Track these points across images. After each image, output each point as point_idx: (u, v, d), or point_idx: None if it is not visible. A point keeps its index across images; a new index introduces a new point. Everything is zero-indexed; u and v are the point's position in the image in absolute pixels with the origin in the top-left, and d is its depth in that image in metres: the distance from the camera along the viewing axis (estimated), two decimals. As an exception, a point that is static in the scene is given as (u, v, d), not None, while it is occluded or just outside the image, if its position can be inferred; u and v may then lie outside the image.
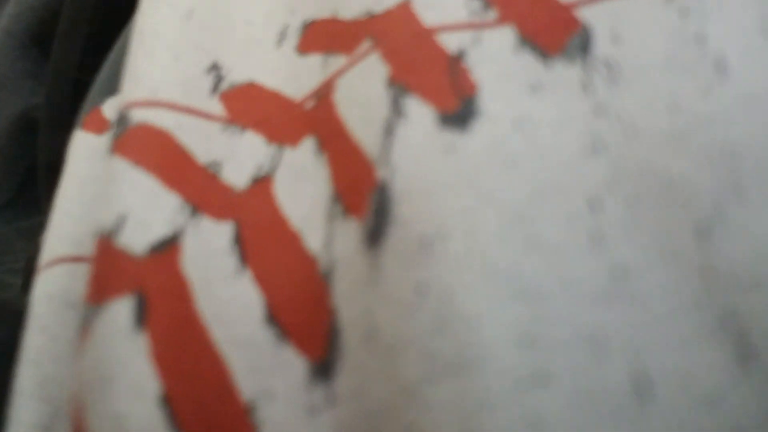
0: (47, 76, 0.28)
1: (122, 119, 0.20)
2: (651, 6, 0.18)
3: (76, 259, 0.21)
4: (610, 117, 0.17)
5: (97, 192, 0.20)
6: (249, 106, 0.21)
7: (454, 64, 0.18)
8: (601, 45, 0.18)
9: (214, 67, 0.21)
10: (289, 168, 0.19)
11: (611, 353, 0.16)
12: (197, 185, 0.19)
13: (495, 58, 0.18)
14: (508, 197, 0.17)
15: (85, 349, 0.17)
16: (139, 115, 0.20)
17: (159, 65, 0.21)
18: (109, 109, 0.23)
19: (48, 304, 0.20)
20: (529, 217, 0.16)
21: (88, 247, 0.21)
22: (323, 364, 0.17)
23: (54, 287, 0.20)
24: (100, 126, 0.23)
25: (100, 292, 0.18)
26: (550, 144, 0.17)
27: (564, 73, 0.18)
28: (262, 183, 0.20)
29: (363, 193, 0.18)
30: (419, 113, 0.18)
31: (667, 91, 0.17)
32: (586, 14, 0.19)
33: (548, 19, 0.19)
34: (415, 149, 0.17)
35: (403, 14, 0.19)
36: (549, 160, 0.17)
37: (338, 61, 0.20)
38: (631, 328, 0.16)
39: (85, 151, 0.22)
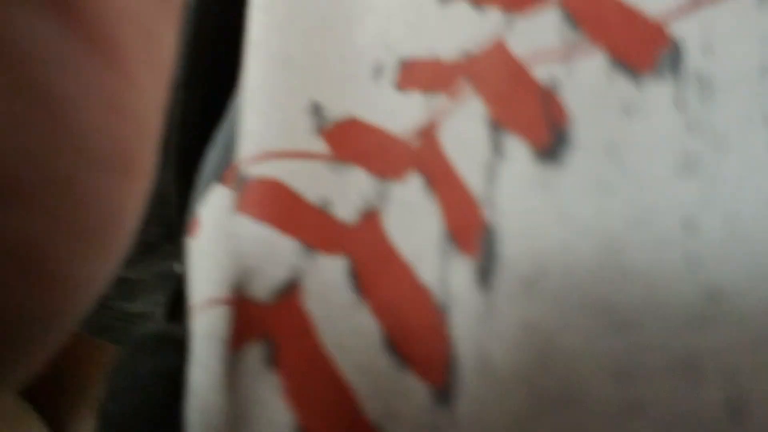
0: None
1: (240, 177, 0.22)
2: (744, 11, 0.18)
3: (225, 302, 0.22)
4: (704, 133, 0.17)
5: (228, 246, 0.21)
6: (352, 142, 0.22)
7: (547, 96, 0.19)
8: (693, 58, 0.18)
9: (315, 107, 0.22)
10: (398, 203, 0.20)
11: (706, 378, 0.16)
12: (311, 226, 0.21)
13: (587, 84, 0.19)
14: (603, 227, 0.17)
15: (228, 394, 0.19)
16: (253, 171, 0.21)
17: (264, 116, 0.22)
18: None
19: (206, 343, 0.21)
20: (624, 246, 0.17)
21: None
22: (444, 390, 0.18)
23: (210, 327, 0.21)
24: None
25: (237, 339, 0.19)
26: (643, 167, 0.17)
27: (655, 90, 0.18)
28: (371, 217, 0.20)
29: (473, 233, 0.18)
30: (517, 152, 0.19)
31: (763, 102, 0.17)
32: (676, 28, 0.18)
33: (638, 36, 0.19)
34: (516, 189, 0.18)
35: (498, 53, 0.20)
36: (643, 184, 0.17)
37: (439, 100, 0.21)
38: (726, 351, 0.16)
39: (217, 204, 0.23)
